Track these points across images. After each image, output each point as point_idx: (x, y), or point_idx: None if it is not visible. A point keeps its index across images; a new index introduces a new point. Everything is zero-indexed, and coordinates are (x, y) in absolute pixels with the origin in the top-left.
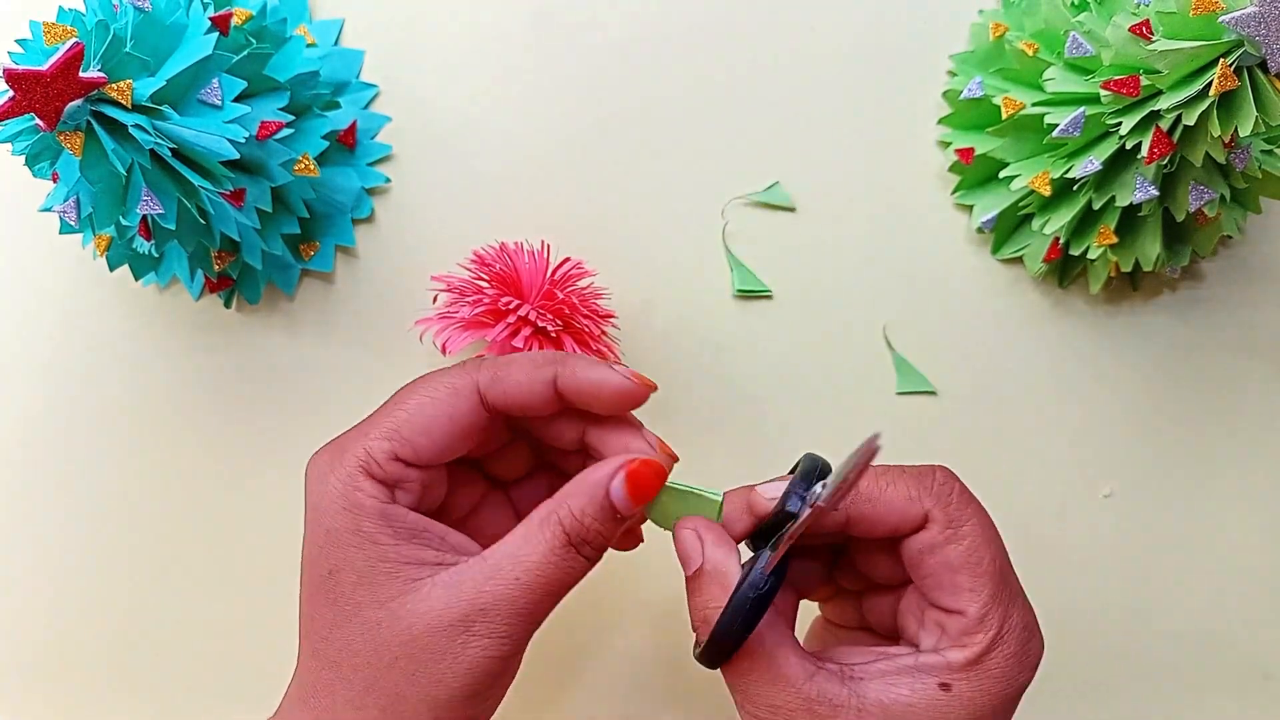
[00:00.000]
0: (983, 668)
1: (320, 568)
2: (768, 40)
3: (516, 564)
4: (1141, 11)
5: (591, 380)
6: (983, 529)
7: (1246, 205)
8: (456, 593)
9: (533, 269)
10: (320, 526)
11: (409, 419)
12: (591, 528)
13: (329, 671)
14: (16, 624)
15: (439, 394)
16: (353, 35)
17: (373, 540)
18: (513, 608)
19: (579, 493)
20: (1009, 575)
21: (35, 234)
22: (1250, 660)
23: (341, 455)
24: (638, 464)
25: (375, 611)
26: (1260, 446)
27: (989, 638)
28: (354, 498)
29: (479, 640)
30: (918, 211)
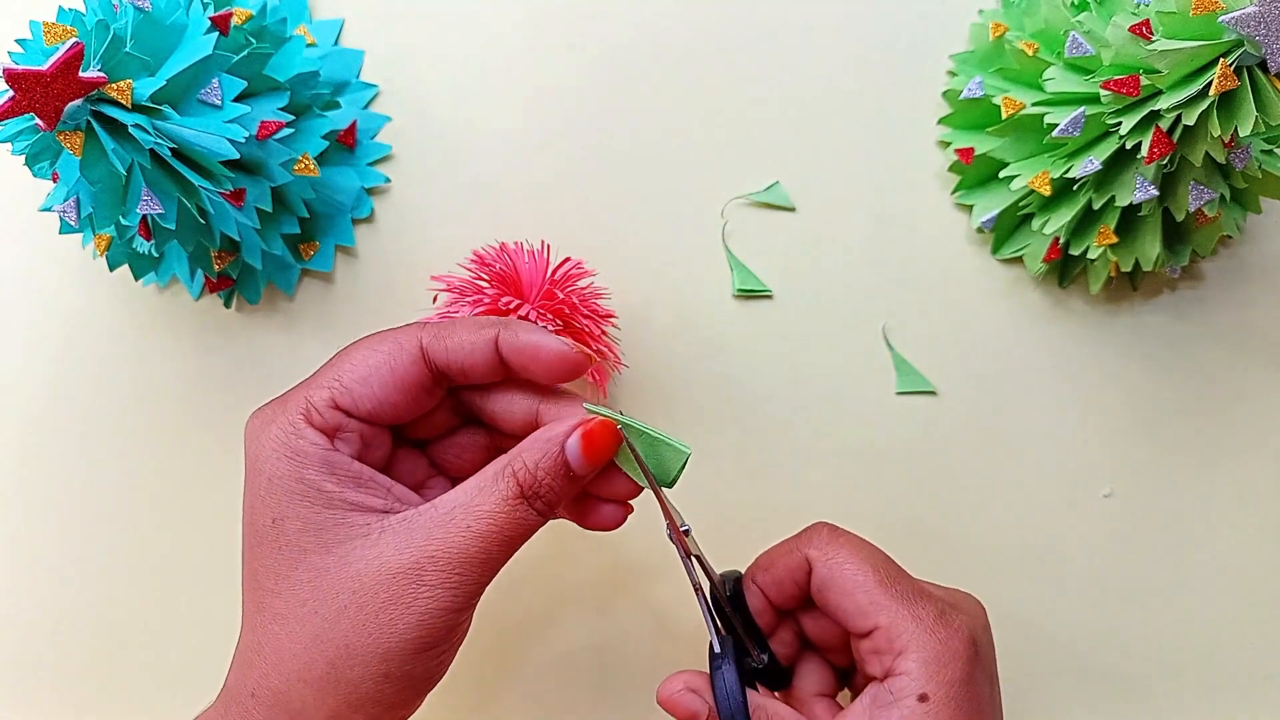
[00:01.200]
0: (932, 662)
1: (263, 517)
2: (768, 40)
3: (468, 513)
4: (1141, 11)
5: (531, 342)
6: (855, 553)
7: (1246, 205)
8: (407, 539)
9: (533, 269)
10: (261, 475)
11: (350, 369)
12: (544, 482)
13: (275, 624)
14: (17, 623)
15: (381, 346)
16: (353, 35)
17: (317, 487)
18: (464, 556)
19: (534, 447)
20: (899, 579)
21: (35, 234)
22: (1250, 660)
23: (282, 407)
24: (595, 424)
25: (322, 557)
26: (1260, 446)
27: (913, 638)
28: (295, 444)
29: (430, 589)
30: (918, 211)
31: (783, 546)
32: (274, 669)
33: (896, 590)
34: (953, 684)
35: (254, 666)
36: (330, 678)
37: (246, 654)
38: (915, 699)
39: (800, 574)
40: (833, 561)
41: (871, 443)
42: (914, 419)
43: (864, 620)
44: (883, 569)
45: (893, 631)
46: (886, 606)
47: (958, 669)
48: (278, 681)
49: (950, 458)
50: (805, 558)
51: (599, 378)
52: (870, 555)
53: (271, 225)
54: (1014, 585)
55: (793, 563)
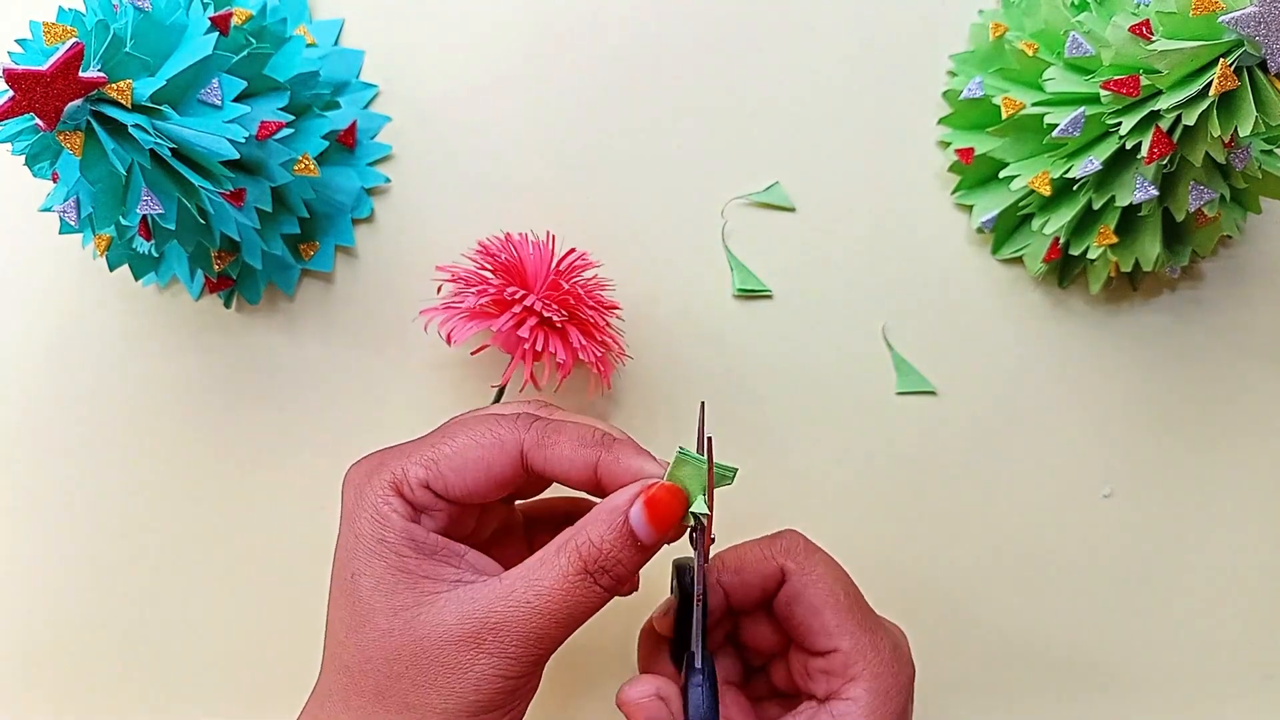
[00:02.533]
0: (881, 694)
1: (345, 571)
2: (768, 40)
3: (529, 587)
4: (1141, 11)
5: (632, 472)
6: (830, 570)
7: (1246, 205)
8: (470, 608)
9: (538, 259)
10: (350, 531)
11: (449, 456)
12: (610, 555)
13: (342, 676)
14: (17, 624)
15: (484, 441)
16: (353, 35)
17: (395, 550)
18: (523, 630)
19: (597, 520)
20: (863, 606)
21: (35, 234)
22: (1250, 660)
23: (379, 469)
24: (657, 489)
25: (390, 619)
26: (1260, 446)
27: (870, 666)
28: (382, 510)
29: (488, 658)
30: (918, 211)
31: (754, 551)
32: (340, 715)
33: (861, 617)
34: (894, 715)
35: (323, 710)
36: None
37: (319, 696)
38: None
39: (771, 582)
40: (808, 576)
41: (871, 443)
42: (914, 419)
43: (826, 640)
44: (850, 593)
45: (851, 657)
46: (851, 632)
47: (899, 703)
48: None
49: (950, 458)
50: (780, 568)
51: (603, 369)
52: (840, 576)
53: (271, 225)
54: (1013, 585)
55: (766, 570)
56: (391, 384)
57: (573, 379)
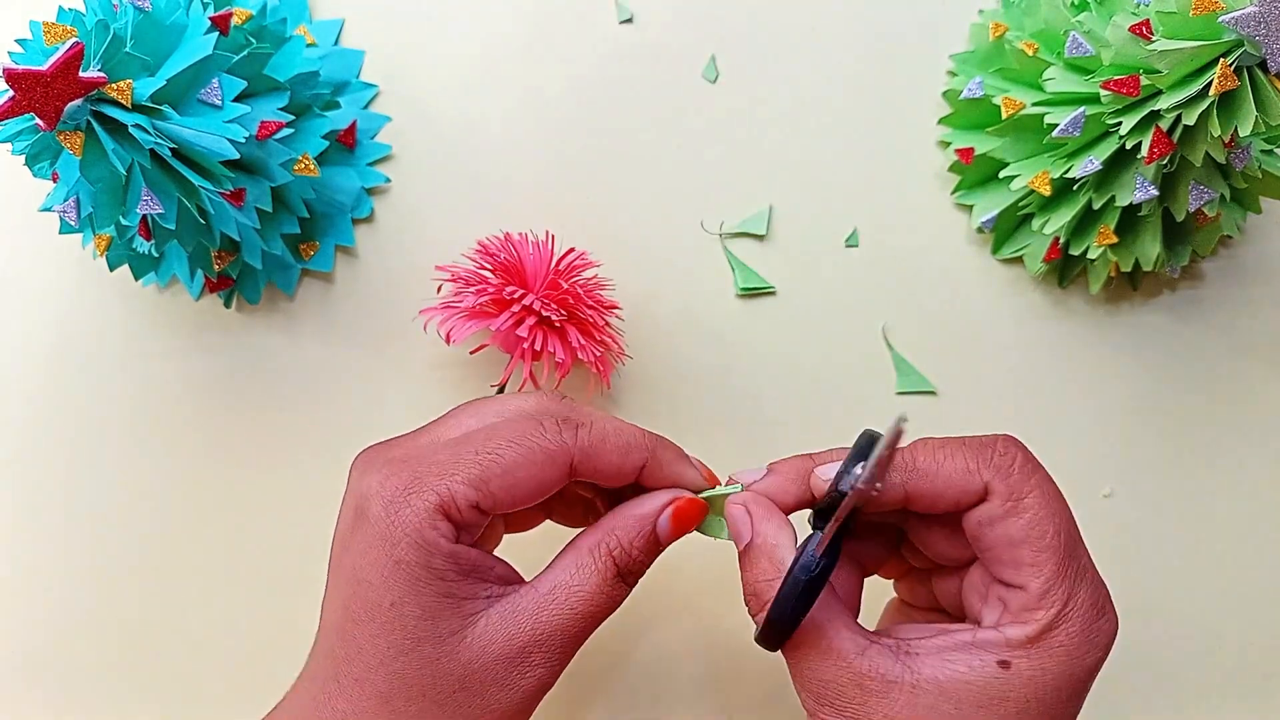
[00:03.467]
0: (1044, 645)
1: (382, 598)
2: (769, 40)
3: (570, 594)
4: (1141, 11)
5: (674, 475)
6: (1046, 501)
7: (1246, 205)
8: (515, 624)
9: (537, 259)
10: (388, 554)
11: (500, 474)
12: (638, 559)
13: (375, 702)
14: (17, 624)
15: (535, 457)
16: (353, 35)
17: (441, 576)
18: (566, 636)
19: (628, 525)
20: (1077, 550)
21: (35, 234)
22: (1250, 660)
23: (419, 487)
24: (684, 502)
25: (436, 648)
26: (1260, 446)
27: (1051, 614)
28: (429, 535)
29: (535, 669)
30: (918, 211)
31: (957, 459)
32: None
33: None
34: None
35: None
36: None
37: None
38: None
39: (969, 498)
40: (1019, 503)
41: None
42: (914, 419)
43: (1016, 574)
44: (1063, 530)
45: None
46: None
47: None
48: None
49: None
50: (985, 485)
51: (603, 369)
52: (1059, 509)
53: (271, 225)
54: None
55: (969, 485)
56: (391, 384)
57: (572, 378)
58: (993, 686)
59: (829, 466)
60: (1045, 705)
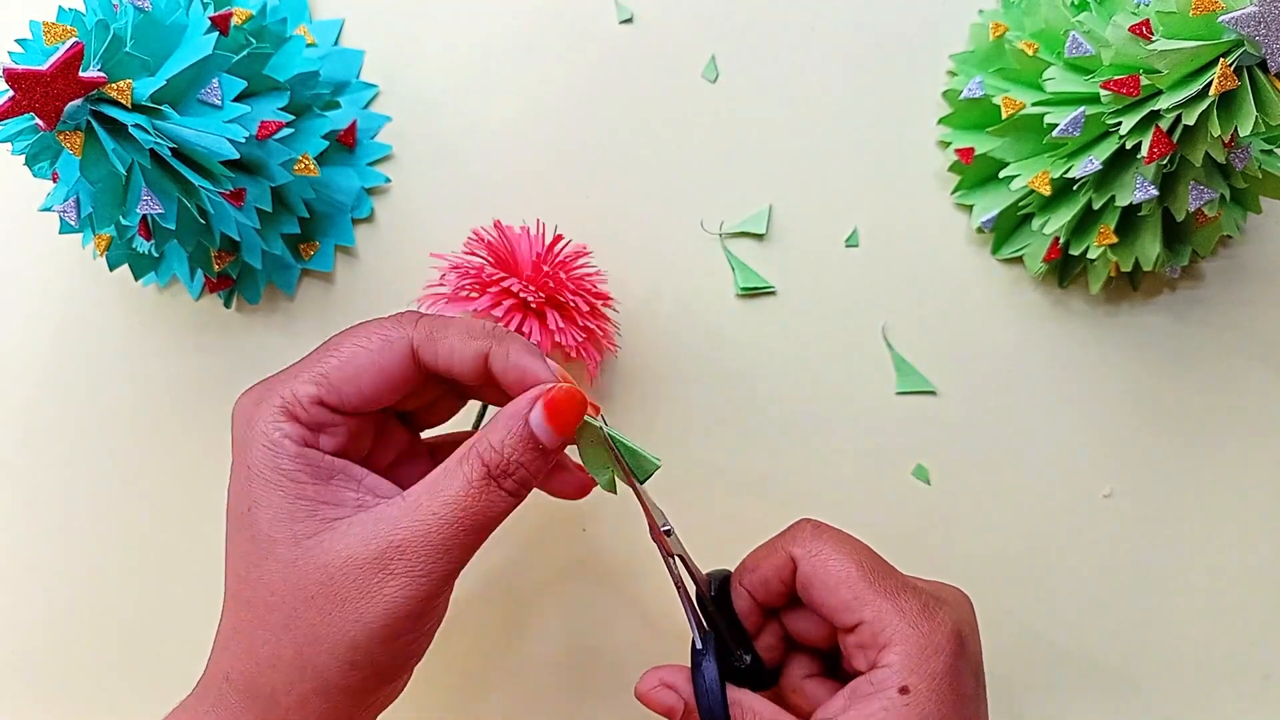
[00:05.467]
0: (915, 655)
1: (241, 504)
2: (768, 40)
3: (434, 498)
4: (1141, 11)
5: (519, 366)
6: (838, 548)
7: (1246, 205)
8: (374, 529)
9: (528, 247)
10: (242, 463)
11: (338, 366)
12: (512, 459)
13: (246, 612)
14: (16, 623)
15: (371, 344)
16: (353, 35)
17: (291, 478)
18: (430, 544)
19: (497, 426)
20: (883, 572)
21: (35, 234)
22: (1250, 660)
23: (268, 394)
24: (556, 392)
25: (291, 549)
26: (1260, 446)
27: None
28: (274, 436)
29: (396, 578)
30: (918, 211)
31: (766, 546)
32: (246, 654)
33: (880, 584)
34: (935, 676)
35: (228, 651)
36: (298, 664)
37: (223, 639)
38: (896, 691)
39: (785, 572)
40: (816, 558)
41: (871, 443)
42: (914, 419)
43: (848, 615)
44: (866, 564)
45: (876, 625)
46: (870, 601)
47: (941, 662)
48: (249, 666)
49: (950, 458)
50: (790, 555)
51: (587, 357)
52: (854, 550)
53: (271, 225)
54: (1014, 585)
55: (777, 561)
56: None
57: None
58: (911, 711)
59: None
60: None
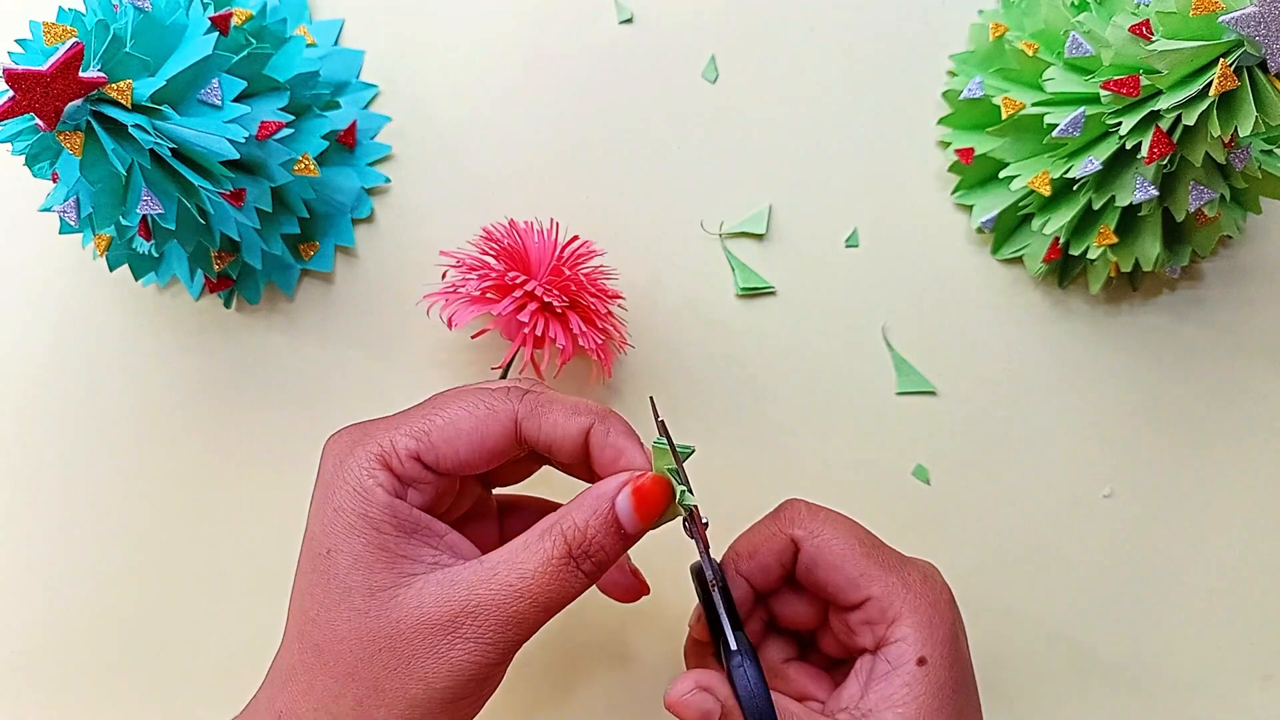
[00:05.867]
0: (926, 625)
1: (320, 545)
2: (768, 40)
3: (512, 570)
4: (1141, 11)
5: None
6: (835, 527)
7: (1246, 205)
8: (449, 592)
9: (541, 247)
10: (328, 504)
11: (441, 427)
12: (594, 541)
13: (311, 655)
14: (16, 623)
15: (477, 411)
16: (353, 35)
17: (376, 527)
18: (502, 614)
19: (583, 505)
20: (881, 548)
21: (35, 234)
22: (1250, 660)
23: (364, 440)
24: (646, 480)
25: (366, 599)
26: (1260, 446)
27: (906, 602)
28: (366, 483)
29: (464, 643)
30: (918, 211)
31: (762, 530)
32: (303, 695)
33: (883, 560)
34: (944, 643)
35: (285, 689)
36: (355, 714)
37: (281, 674)
38: (915, 663)
39: (786, 555)
40: (818, 539)
41: (871, 443)
42: (914, 419)
43: (855, 592)
44: (865, 541)
45: (885, 600)
46: (877, 576)
47: (946, 629)
48: (304, 708)
49: (950, 457)
50: (790, 538)
51: (604, 357)
52: (851, 528)
53: (271, 225)
54: (1014, 585)
55: (777, 545)
56: (391, 384)
57: (574, 367)
58: (929, 684)
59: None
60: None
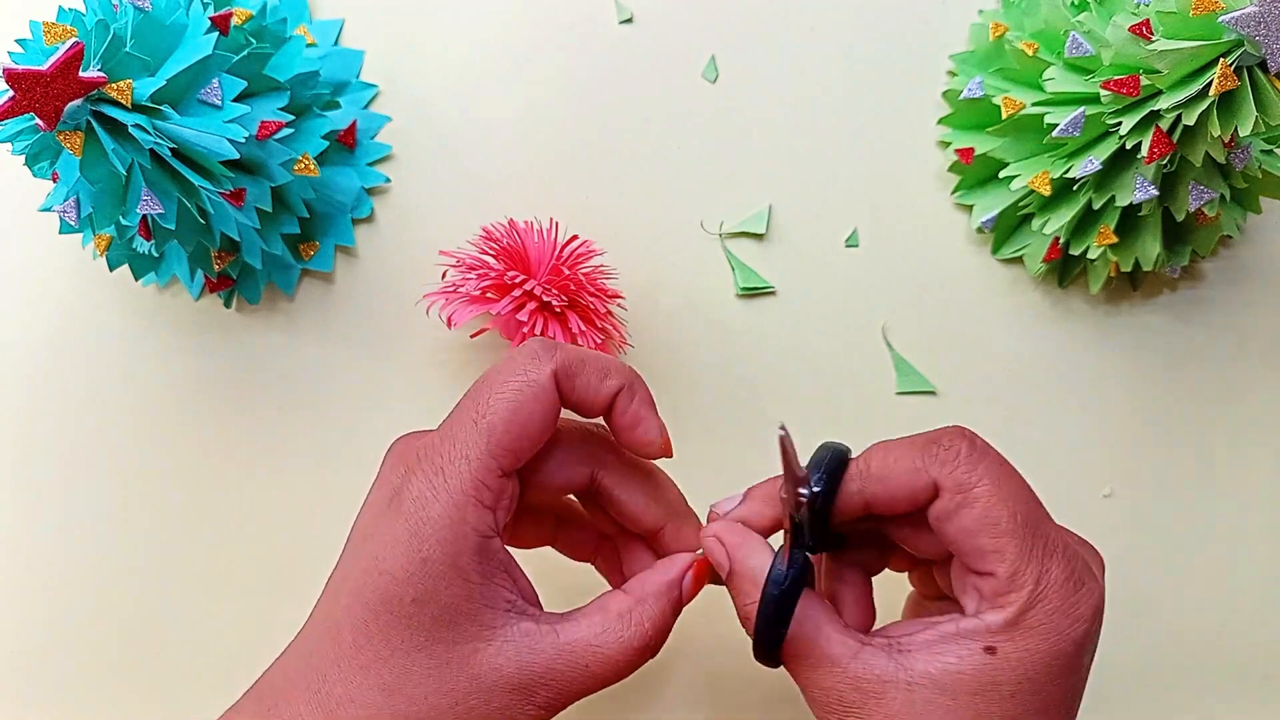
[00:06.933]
0: (1023, 626)
1: (405, 591)
2: (768, 40)
3: (592, 654)
4: (1141, 11)
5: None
6: (996, 486)
7: (1246, 205)
8: (529, 660)
9: (541, 246)
10: (416, 552)
11: (506, 427)
12: (668, 625)
13: (378, 694)
14: (16, 623)
15: (525, 392)
16: (353, 35)
17: (465, 577)
18: (575, 688)
19: (658, 594)
20: (1040, 528)
21: (35, 234)
22: (1250, 660)
23: (444, 477)
24: (702, 562)
25: (448, 650)
26: (1260, 446)
27: (1024, 596)
28: (460, 529)
29: (535, 709)
30: (918, 211)
31: (906, 459)
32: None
33: (1028, 540)
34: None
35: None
36: None
37: (330, 704)
38: (982, 649)
39: (922, 496)
40: (967, 495)
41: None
42: (914, 419)
43: (981, 562)
44: (1018, 512)
45: (1007, 585)
46: (1011, 558)
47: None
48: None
49: None
50: (934, 482)
51: None
52: (1008, 492)
53: (271, 225)
54: None
55: (917, 483)
56: (391, 384)
57: None
58: (983, 673)
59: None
60: (1037, 685)
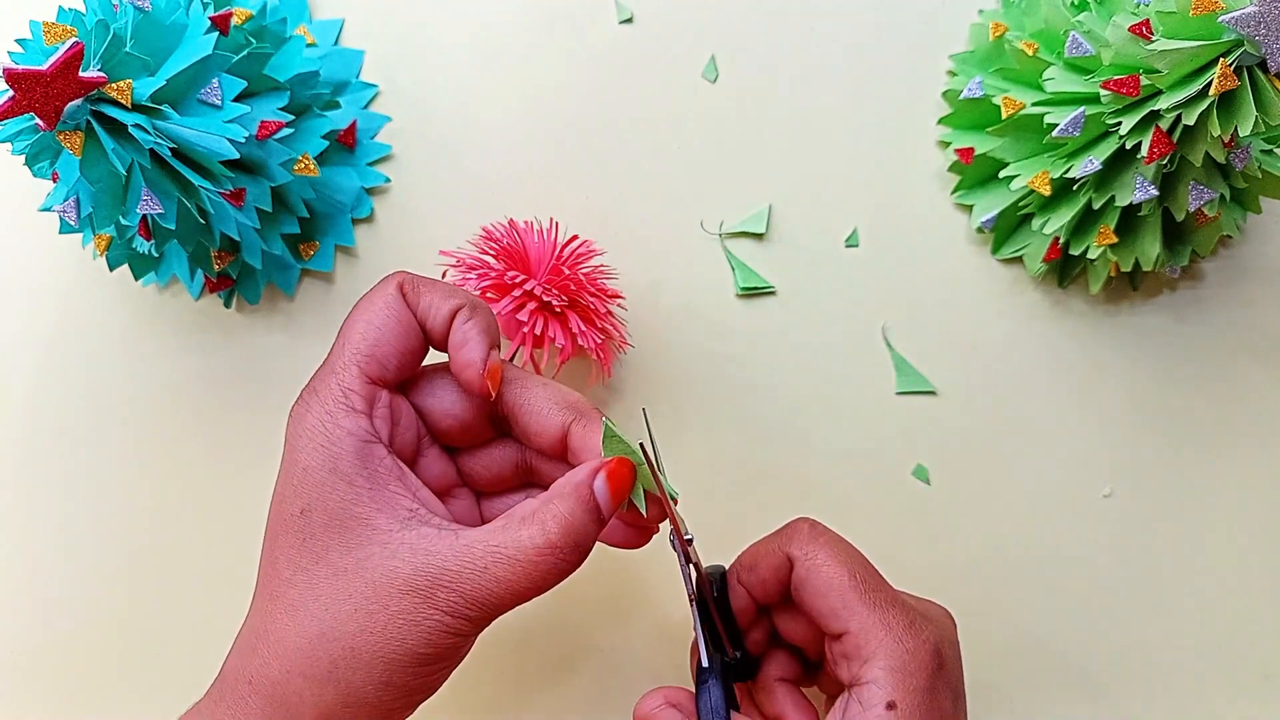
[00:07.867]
0: (898, 670)
1: (292, 506)
2: (768, 40)
3: (490, 554)
4: (1141, 11)
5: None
6: (834, 554)
7: (1246, 205)
8: (425, 561)
9: (541, 246)
10: (296, 465)
11: (362, 336)
12: (579, 529)
13: (285, 615)
14: (16, 623)
15: (375, 303)
16: (353, 35)
17: (348, 481)
18: (479, 595)
19: (564, 494)
20: (875, 584)
21: (35, 234)
22: (1250, 660)
23: (315, 394)
24: (614, 463)
25: (342, 557)
26: (1260, 446)
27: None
28: (332, 433)
29: (439, 613)
30: (918, 211)
31: (765, 544)
32: (276, 658)
33: (870, 596)
34: (917, 692)
35: (256, 653)
36: (331, 675)
37: (250, 639)
38: (884, 707)
39: (783, 572)
40: (811, 562)
41: (871, 443)
42: (914, 419)
43: (836, 623)
44: (859, 574)
45: (861, 637)
46: (858, 612)
47: (922, 678)
48: (277, 671)
49: (950, 458)
50: (787, 556)
51: (604, 357)
52: (848, 558)
53: (271, 225)
54: (1013, 585)
55: (775, 561)
56: None
57: (573, 367)
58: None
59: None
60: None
